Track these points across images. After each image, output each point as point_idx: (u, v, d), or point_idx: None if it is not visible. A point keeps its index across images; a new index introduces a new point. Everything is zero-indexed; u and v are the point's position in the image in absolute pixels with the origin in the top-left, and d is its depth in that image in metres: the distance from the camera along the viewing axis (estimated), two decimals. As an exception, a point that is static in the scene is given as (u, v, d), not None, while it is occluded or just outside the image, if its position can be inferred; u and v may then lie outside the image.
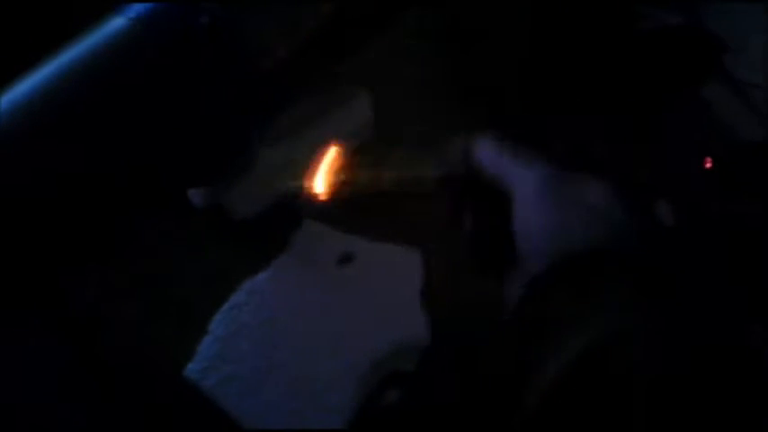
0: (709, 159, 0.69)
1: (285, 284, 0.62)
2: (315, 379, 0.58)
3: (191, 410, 0.58)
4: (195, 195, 0.65)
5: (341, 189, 0.53)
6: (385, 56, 0.73)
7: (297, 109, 0.65)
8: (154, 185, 0.57)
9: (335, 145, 0.55)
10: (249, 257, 0.63)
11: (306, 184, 0.54)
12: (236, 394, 0.57)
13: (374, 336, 0.59)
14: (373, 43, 0.68)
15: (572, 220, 0.40)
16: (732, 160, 0.73)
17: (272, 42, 0.57)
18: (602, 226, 0.40)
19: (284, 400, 0.57)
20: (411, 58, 0.77)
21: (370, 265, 0.63)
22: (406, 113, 0.73)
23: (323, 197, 0.54)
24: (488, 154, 0.45)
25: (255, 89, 0.57)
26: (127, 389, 0.58)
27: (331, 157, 0.54)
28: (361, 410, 0.58)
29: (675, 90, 0.79)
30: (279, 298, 0.61)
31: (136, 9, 0.53)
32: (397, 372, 0.59)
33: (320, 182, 0.53)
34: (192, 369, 0.58)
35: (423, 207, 0.67)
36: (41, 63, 0.52)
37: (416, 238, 0.65)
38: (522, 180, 0.42)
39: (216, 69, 0.54)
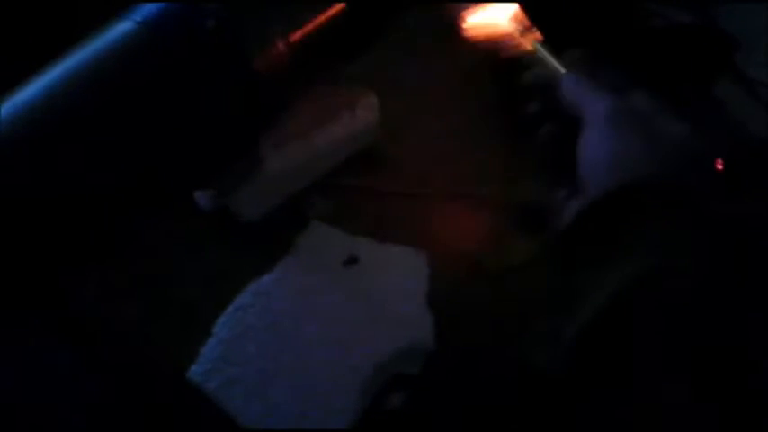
0: (720, 161, 0.68)
1: (290, 286, 0.62)
2: (319, 382, 0.58)
3: (193, 412, 0.58)
4: (201, 197, 0.65)
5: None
6: (391, 56, 0.73)
7: (302, 110, 0.65)
8: (158, 187, 0.57)
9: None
10: (254, 259, 0.63)
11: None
12: (240, 397, 0.57)
13: (379, 339, 0.59)
14: (378, 44, 0.68)
15: (634, 152, 0.40)
16: (743, 160, 0.73)
17: (277, 44, 0.57)
18: (663, 159, 0.40)
19: (289, 402, 0.57)
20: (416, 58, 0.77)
21: (376, 267, 0.63)
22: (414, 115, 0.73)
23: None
24: (569, 80, 0.45)
25: (260, 91, 0.57)
26: (128, 390, 0.58)
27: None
28: (366, 414, 0.58)
29: (686, 88, 0.78)
30: (284, 300, 0.61)
31: (142, 12, 0.53)
32: (402, 375, 0.59)
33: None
34: (195, 371, 0.58)
35: (429, 209, 0.67)
36: (48, 66, 0.52)
37: (423, 240, 0.64)
38: (593, 110, 0.43)
39: (221, 72, 0.54)
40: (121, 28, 0.52)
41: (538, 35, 0.51)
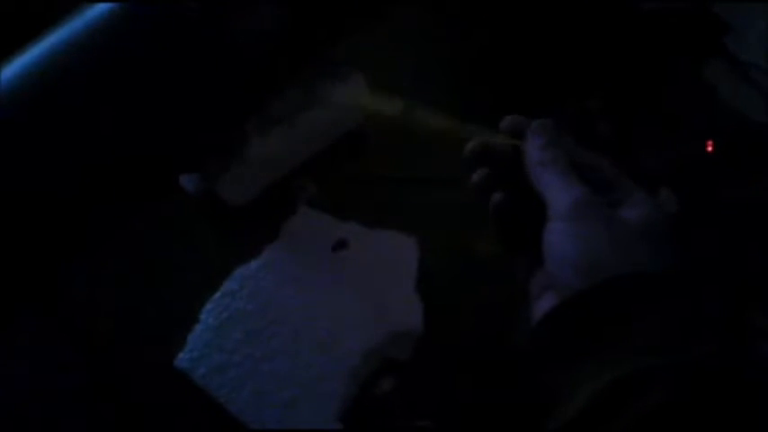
0: (710, 142, 0.68)
1: (278, 272, 0.61)
2: (308, 367, 0.57)
3: (181, 399, 0.57)
4: (187, 182, 0.64)
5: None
6: (381, 40, 0.72)
7: (289, 93, 0.64)
8: (143, 172, 0.56)
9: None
10: (241, 244, 0.62)
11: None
12: (228, 384, 0.56)
13: (368, 324, 0.58)
14: (369, 27, 0.67)
15: (601, 249, 0.39)
16: (736, 143, 0.72)
17: (264, 26, 0.56)
18: (630, 256, 0.39)
19: (277, 389, 0.56)
20: (408, 42, 0.76)
21: (365, 252, 0.62)
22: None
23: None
24: (537, 150, 0.43)
25: (246, 74, 0.56)
26: (117, 378, 0.57)
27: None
28: (356, 399, 0.57)
29: (678, 71, 0.78)
30: (271, 286, 0.60)
31: (122, -10, 0.51)
32: (392, 360, 0.59)
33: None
34: (182, 359, 0.57)
35: (418, 193, 0.66)
36: (26, 47, 0.51)
37: (412, 224, 0.63)
38: (558, 198, 0.41)
39: (205, 54, 0.53)
40: (100, 8, 0.51)
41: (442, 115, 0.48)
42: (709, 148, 0.67)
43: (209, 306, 0.59)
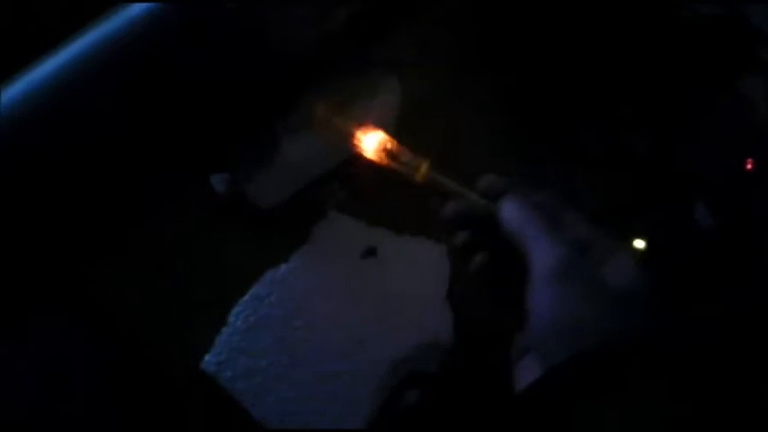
0: (750, 161, 0.67)
1: (307, 278, 0.60)
2: (335, 376, 0.57)
3: (206, 402, 0.57)
4: (218, 182, 0.64)
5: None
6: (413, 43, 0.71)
7: (322, 96, 0.64)
8: (175, 171, 0.56)
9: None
10: (271, 248, 0.62)
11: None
12: (254, 388, 0.56)
13: (397, 334, 0.58)
14: (402, 30, 0.66)
15: (584, 314, 0.39)
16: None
17: (299, 28, 0.55)
18: (618, 319, 0.39)
19: (303, 396, 0.56)
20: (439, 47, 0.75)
21: (395, 260, 0.62)
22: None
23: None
24: (514, 213, 0.43)
25: (280, 76, 0.56)
26: (143, 378, 0.57)
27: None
28: (381, 410, 0.57)
29: (712, 83, 0.77)
30: (300, 291, 0.60)
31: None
32: (419, 372, 0.58)
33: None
34: (209, 361, 0.57)
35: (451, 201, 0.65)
36: (65, 42, 0.51)
37: (443, 234, 0.62)
38: (541, 260, 0.40)
39: (241, 56, 0.53)
40: (138, 9, 0.51)
41: (426, 164, 0.48)
42: (749, 166, 0.66)
43: (237, 309, 0.59)
